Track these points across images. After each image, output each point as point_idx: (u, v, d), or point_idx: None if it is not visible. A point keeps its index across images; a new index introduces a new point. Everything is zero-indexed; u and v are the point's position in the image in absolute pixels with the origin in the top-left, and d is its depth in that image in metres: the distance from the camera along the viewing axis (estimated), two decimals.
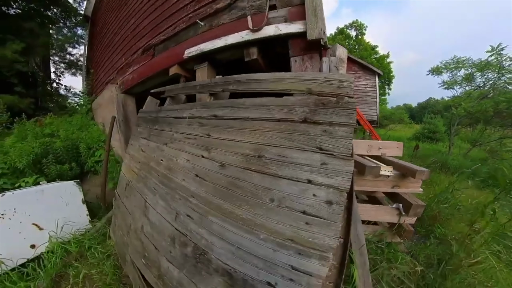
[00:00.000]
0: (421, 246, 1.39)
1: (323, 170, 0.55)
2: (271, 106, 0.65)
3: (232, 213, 0.62)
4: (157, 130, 1.21)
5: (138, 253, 1.02)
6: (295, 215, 0.54)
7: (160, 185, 0.96)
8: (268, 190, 0.58)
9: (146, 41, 1.94)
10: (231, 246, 0.61)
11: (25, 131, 2.45)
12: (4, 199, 1.30)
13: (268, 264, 0.55)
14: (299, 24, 1.01)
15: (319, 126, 0.58)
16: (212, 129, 0.77)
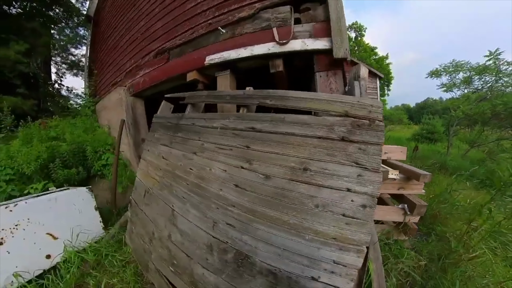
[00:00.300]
0: (424, 243, 1.58)
1: (359, 180, 0.68)
2: (312, 124, 0.77)
3: (279, 219, 0.73)
4: (181, 138, 1.27)
5: (165, 261, 1.10)
6: (337, 217, 0.67)
7: (190, 194, 1.03)
8: (313, 197, 0.70)
9: (159, 44, 1.98)
10: (276, 248, 0.72)
11: (30, 134, 2.43)
12: (17, 209, 1.30)
13: (312, 260, 0.67)
14: (324, 41, 1.12)
15: (355, 144, 0.71)
16: (251, 141, 0.87)
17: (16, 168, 1.96)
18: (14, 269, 1.21)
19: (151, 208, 1.33)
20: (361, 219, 0.65)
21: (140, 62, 2.24)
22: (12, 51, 3.54)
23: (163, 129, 1.53)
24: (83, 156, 2.46)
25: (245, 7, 1.38)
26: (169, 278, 1.06)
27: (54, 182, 2.09)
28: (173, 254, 1.05)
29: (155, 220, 1.26)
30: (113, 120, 2.75)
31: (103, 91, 3.27)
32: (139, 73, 2.25)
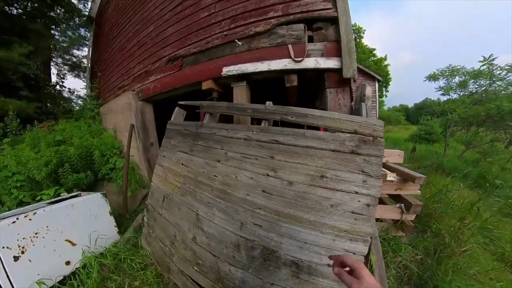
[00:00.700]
0: (420, 239, 1.84)
1: (364, 185, 0.89)
2: (327, 139, 0.97)
3: (301, 218, 0.93)
4: (202, 146, 1.43)
5: (189, 261, 1.25)
6: (348, 214, 0.88)
7: (217, 199, 1.19)
8: (328, 199, 0.91)
9: (172, 51, 2.12)
10: (298, 242, 0.92)
11: (37, 138, 2.50)
12: (36, 217, 1.36)
13: (328, 250, 0.88)
14: (335, 60, 1.32)
15: (361, 156, 0.92)
16: (275, 152, 1.06)
17: (27, 174, 2.03)
18: (37, 277, 1.29)
19: (172, 212, 1.47)
20: (366, 215, 0.87)
21: (150, 68, 2.37)
22: (16, 54, 3.55)
23: (180, 136, 1.67)
24: (90, 160, 2.57)
25: (261, 22, 1.56)
26: (193, 277, 1.21)
27: (63, 187, 2.20)
28: (198, 255, 1.21)
29: (177, 224, 1.39)
30: (120, 124, 2.86)
31: (108, 94, 3.35)
32: (150, 78, 2.38)
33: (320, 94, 1.58)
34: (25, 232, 1.30)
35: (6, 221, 1.24)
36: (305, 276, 0.90)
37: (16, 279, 1.20)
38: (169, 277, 1.42)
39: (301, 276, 0.91)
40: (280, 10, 1.50)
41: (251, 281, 1.00)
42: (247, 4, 1.63)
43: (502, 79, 3.90)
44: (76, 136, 2.65)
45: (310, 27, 1.45)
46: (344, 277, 0.37)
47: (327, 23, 1.41)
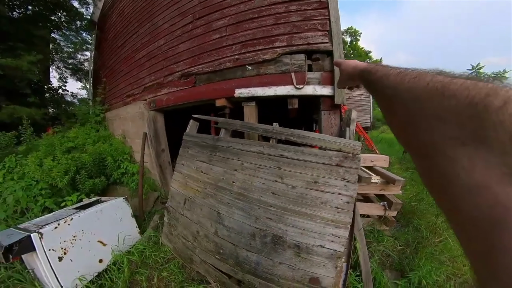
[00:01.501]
0: (402, 232, 2.40)
1: (345, 188, 1.40)
2: (320, 155, 1.47)
3: (301, 212, 1.44)
4: (220, 157, 1.88)
5: (211, 252, 1.70)
6: (333, 209, 1.39)
7: (235, 200, 1.66)
8: (320, 198, 1.42)
9: (185, 67, 2.53)
10: (299, 229, 1.42)
11: (52, 146, 2.85)
12: (73, 222, 1.67)
13: (320, 235, 1.39)
14: (329, 88, 1.81)
15: (344, 168, 1.43)
16: (282, 164, 1.55)
17: (50, 181, 2.39)
18: (77, 274, 1.60)
19: (194, 212, 1.91)
20: (346, 209, 1.38)
21: (163, 81, 2.76)
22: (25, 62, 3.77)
23: (198, 147, 2.11)
24: (102, 165, 2.97)
25: (268, 50, 2.01)
26: (215, 264, 1.67)
27: (80, 192, 2.60)
28: (219, 245, 1.67)
29: (200, 221, 1.84)
30: (130, 131, 3.25)
31: (115, 100, 3.70)
32: (162, 90, 2.78)
33: (317, 111, 2.07)
34: (65, 236, 1.60)
35: (50, 227, 1.54)
36: (304, 255, 1.41)
37: (62, 277, 1.51)
38: (191, 267, 1.86)
39: (301, 255, 1.41)
40: (285, 40, 1.95)
41: (264, 262, 1.49)
42: (256, 31, 2.07)
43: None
44: (90, 144, 3.01)
45: (309, 57, 1.92)
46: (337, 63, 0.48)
47: (323, 54, 1.88)
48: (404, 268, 1.87)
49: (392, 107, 0.25)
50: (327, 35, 1.84)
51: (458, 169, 0.15)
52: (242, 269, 1.56)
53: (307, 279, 1.38)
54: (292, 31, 1.92)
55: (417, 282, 1.66)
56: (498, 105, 0.14)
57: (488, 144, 0.14)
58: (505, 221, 0.12)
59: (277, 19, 1.97)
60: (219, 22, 2.24)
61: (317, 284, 1.37)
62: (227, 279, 1.61)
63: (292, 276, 1.41)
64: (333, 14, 1.82)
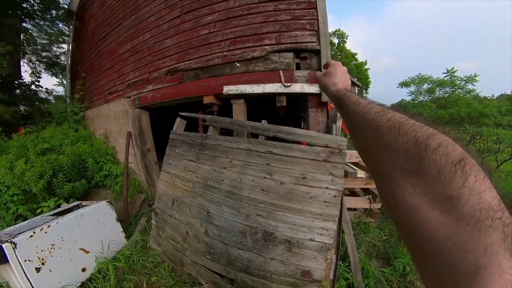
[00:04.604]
0: (386, 223, 2.54)
1: (332, 182, 1.43)
2: (307, 151, 1.48)
3: (290, 207, 1.43)
4: (209, 155, 1.82)
5: (202, 252, 1.64)
6: (322, 203, 1.41)
7: (225, 198, 1.61)
8: (308, 193, 1.43)
9: (171, 63, 2.41)
10: (289, 225, 1.42)
11: (24, 148, 2.55)
12: (51, 230, 1.52)
13: (309, 229, 1.40)
14: (316, 86, 1.83)
15: (330, 163, 1.45)
16: (270, 161, 1.53)
17: (23, 187, 2.15)
18: (58, 286, 1.46)
19: (183, 213, 1.83)
20: (333, 203, 1.40)
21: (148, 77, 2.61)
22: None
23: (185, 145, 2.03)
24: (82, 167, 2.73)
25: (257, 48, 1.98)
26: (206, 265, 1.62)
27: (58, 197, 2.36)
28: (210, 245, 1.62)
29: (189, 222, 1.77)
30: (113, 130, 3.03)
31: (96, 97, 3.42)
32: (147, 87, 2.62)
33: (305, 109, 2.09)
34: (42, 245, 1.46)
35: (24, 236, 1.39)
36: (295, 250, 1.41)
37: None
38: (182, 270, 1.78)
39: (292, 250, 1.41)
40: (274, 38, 1.94)
41: (256, 259, 1.47)
42: (245, 28, 2.03)
43: (462, 87, 5.01)
44: (68, 144, 2.75)
45: (297, 56, 1.93)
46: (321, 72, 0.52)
47: (311, 53, 1.90)
48: (389, 256, 1.99)
49: (359, 130, 0.30)
50: (315, 35, 1.86)
51: (404, 192, 0.21)
52: (234, 268, 1.52)
53: (299, 272, 1.38)
54: (281, 29, 1.91)
55: (401, 269, 1.75)
56: (434, 147, 0.19)
57: (425, 176, 0.19)
58: (431, 233, 0.18)
59: (267, 17, 1.95)
60: (208, 18, 2.17)
61: (309, 276, 1.38)
62: (220, 279, 1.57)
63: (284, 271, 1.41)
64: (321, 15, 1.84)
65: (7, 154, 2.46)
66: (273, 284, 1.42)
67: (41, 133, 3.00)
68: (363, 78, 18.01)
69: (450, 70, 4.84)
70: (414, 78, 5.71)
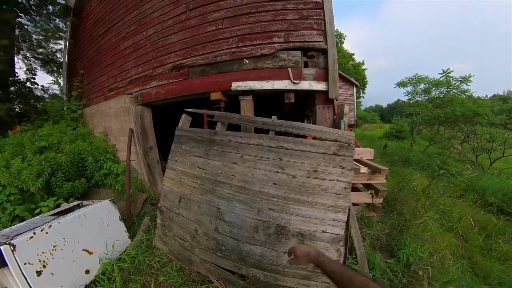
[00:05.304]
0: (388, 217, 2.66)
1: (342, 175, 1.52)
2: (318, 145, 1.56)
3: (303, 200, 1.51)
4: (218, 151, 1.85)
5: (211, 250, 1.66)
6: (333, 195, 1.50)
7: (236, 193, 1.65)
8: (320, 186, 1.51)
9: (176, 59, 2.44)
10: (302, 217, 1.49)
11: (21, 146, 2.49)
12: (52, 230, 1.47)
13: (321, 220, 1.48)
14: (323, 84, 1.93)
15: (340, 156, 1.54)
16: (282, 155, 1.60)
17: (21, 186, 2.09)
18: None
19: (191, 210, 1.84)
20: (344, 194, 1.49)
21: (152, 73, 2.63)
22: None
23: (192, 142, 2.05)
24: (82, 166, 2.69)
25: (266, 45, 2.06)
26: (216, 262, 1.63)
27: (57, 197, 2.32)
28: (220, 242, 1.64)
29: (198, 219, 1.78)
30: (113, 128, 3.00)
31: (95, 94, 3.37)
32: (150, 83, 2.63)
33: (310, 107, 2.18)
34: (43, 246, 1.41)
35: (24, 237, 1.34)
36: (308, 242, 1.48)
37: None
38: (191, 269, 1.79)
39: (305, 242, 1.48)
40: (282, 37, 2.03)
41: (268, 253, 1.52)
42: (253, 26, 2.11)
43: (457, 88, 5.31)
44: (66, 142, 2.71)
45: (305, 54, 2.02)
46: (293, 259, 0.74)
47: (318, 52, 2.01)
48: (393, 248, 2.10)
49: (338, 284, 0.59)
50: (322, 34, 1.97)
51: None
52: (246, 264, 1.56)
53: (311, 265, 1.45)
54: (290, 28, 2.00)
55: (405, 260, 1.86)
56: None
57: None
58: None
59: (275, 16, 2.04)
60: (215, 14, 2.23)
61: None
62: (231, 275, 1.61)
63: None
64: (327, 15, 1.95)
65: (2, 152, 2.39)
66: (285, 277, 1.48)
67: (38, 131, 2.92)
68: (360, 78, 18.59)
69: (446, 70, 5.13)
70: (411, 78, 6.00)
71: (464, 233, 2.62)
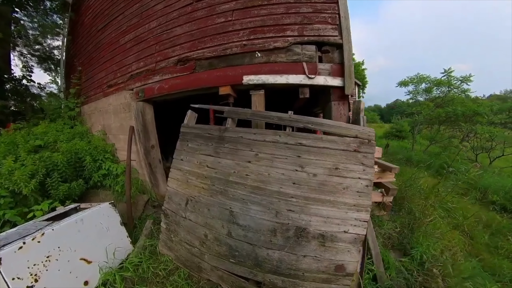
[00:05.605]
0: (397, 216, 2.66)
1: (364, 172, 1.48)
2: (338, 142, 1.52)
3: (324, 199, 1.45)
4: (229, 149, 1.77)
5: (224, 256, 1.57)
6: (355, 193, 1.45)
7: (251, 195, 1.56)
8: (341, 184, 1.46)
9: (182, 52, 2.35)
10: (323, 218, 1.44)
11: (14, 144, 2.31)
12: (45, 238, 1.32)
13: (343, 220, 1.43)
14: (338, 79, 1.90)
15: (361, 153, 1.50)
16: (301, 152, 1.54)
17: (12, 187, 1.94)
18: None
19: (200, 214, 1.72)
20: (366, 193, 1.45)
21: (154, 67, 2.52)
22: None
23: (200, 139, 1.95)
24: (79, 166, 2.54)
25: (279, 38, 2.00)
26: (229, 269, 1.55)
27: (52, 199, 2.17)
28: (234, 247, 1.55)
29: (208, 223, 1.67)
30: (112, 126, 2.86)
31: (93, 91, 3.22)
32: (153, 78, 2.52)
33: (323, 103, 2.14)
34: (35, 257, 1.27)
35: (12, 248, 1.19)
36: (329, 244, 1.42)
37: None
38: (200, 276, 1.69)
39: (326, 244, 1.42)
40: (296, 30, 1.98)
41: (287, 258, 1.45)
42: (266, 19, 2.05)
43: (458, 87, 5.44)
44: (63, 140, 2.55)
45: (319, 49, 1.98)
46: None
47: (333, 47, 1.97)
48: (405, 247, 2.09)
49: None
50: (337, 29, 1.94)
51: None
52: (262, 270, 1.48)
53: (333, 267, 1.40)
54: (303, 21, 1.96)
55: (419, 258, 1.84)
56: None
57: None
58: None
59: (288, 8, 1.99)
60: (224, 6, 2.16)
61: (342, 271, 1.40)
62: (246, 282, 1.53)
63: (317, 267, 1.41)
64: (342, 9, 1.92)
65: None
66: (305, 282, 1.42)
67: (33, 129, 2.74)
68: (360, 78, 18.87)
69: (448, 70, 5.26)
70: (412, 77, 6.13)
71: (470, 231, 2.66)
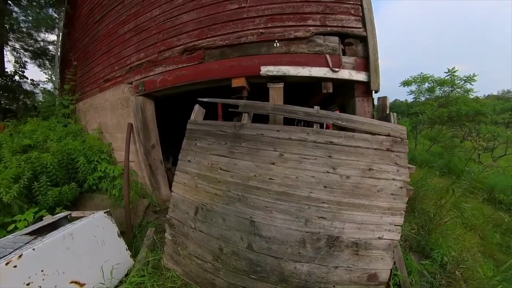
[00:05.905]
0: (411, 217, 2.63)
1: (398, 173, 1.38)
2: (370, 140, 1.42)
3: (358, 204, 1.34)
4: (247, 149, 1.57)
5: (243, 272, 1.37)
6: (389, 196, 1.35)
7: (276, 201, 1.39)
8: (375, 186, 1.35)
9: (189, 40, 2.16)
10: (357, 224, 1.32)
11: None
12: (24, 261, 1.09)
13: (378, 226, 1.33)
14: (363, 74, 1.80)
15: (394, 152, 1.41)
16: (332, 152, 1.42)
17: None
18: None
19: (212, 224, 1.51)
20: (400, 195, 1.36)
21: (157, 57, 2.32)
22: None
23: (211, 137, 1.72)
24: (72, 168, 2.31)
25: (300, 28, 1.87)
26: (249, 286, 1.36)
27: (41, 206, 1.94)
28: (255, 262, 1.38)
29: (224, 235, 1.47)
30: (109, 123, 2.63)
31: (89, 87, 2.95)
32: (155, 69, 2.32)
33: (338, 100, 2.02)
34: (11, 286, 1.03)
35: None
36: (363, 252, 1.31)
37: None
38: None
39: (360, 253, 1.31)
40: (318, 20, 1.86)
41: (317, 270, 1.31)
42: (284, 6, 1.91)
43: (461, 87, 5.56)
44: (53, 139, 2.29)
45: (342, 41, 1.88)
46: None
47: (356, 40, 1.87)
48: (424, 249, 2.04)
49: None
50: (360, 20, 1.84)
51: None
52: (288, 285, 1.35)
53: (365, 277, 1.30)
54: (325, 11, 1.85)
55: (440, 260, 1.80)
56: None
57: None
58: None
59: None
60: None
61: (375, 280, 1.30)
62: None
63: (349, 278, 1.30)
64: (365, 1, 1.83)
65: None
66: None
67: (21, 127, 2.45)
68: None
69: (452, 69, 5.37)
70: (416, 77, 6.22)
71: (480, 231, 2.68)
